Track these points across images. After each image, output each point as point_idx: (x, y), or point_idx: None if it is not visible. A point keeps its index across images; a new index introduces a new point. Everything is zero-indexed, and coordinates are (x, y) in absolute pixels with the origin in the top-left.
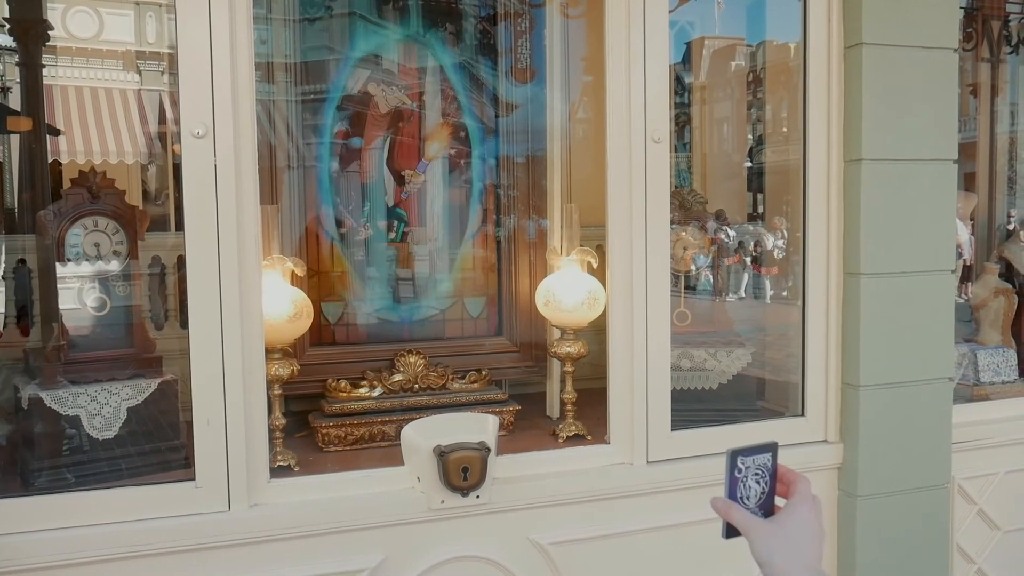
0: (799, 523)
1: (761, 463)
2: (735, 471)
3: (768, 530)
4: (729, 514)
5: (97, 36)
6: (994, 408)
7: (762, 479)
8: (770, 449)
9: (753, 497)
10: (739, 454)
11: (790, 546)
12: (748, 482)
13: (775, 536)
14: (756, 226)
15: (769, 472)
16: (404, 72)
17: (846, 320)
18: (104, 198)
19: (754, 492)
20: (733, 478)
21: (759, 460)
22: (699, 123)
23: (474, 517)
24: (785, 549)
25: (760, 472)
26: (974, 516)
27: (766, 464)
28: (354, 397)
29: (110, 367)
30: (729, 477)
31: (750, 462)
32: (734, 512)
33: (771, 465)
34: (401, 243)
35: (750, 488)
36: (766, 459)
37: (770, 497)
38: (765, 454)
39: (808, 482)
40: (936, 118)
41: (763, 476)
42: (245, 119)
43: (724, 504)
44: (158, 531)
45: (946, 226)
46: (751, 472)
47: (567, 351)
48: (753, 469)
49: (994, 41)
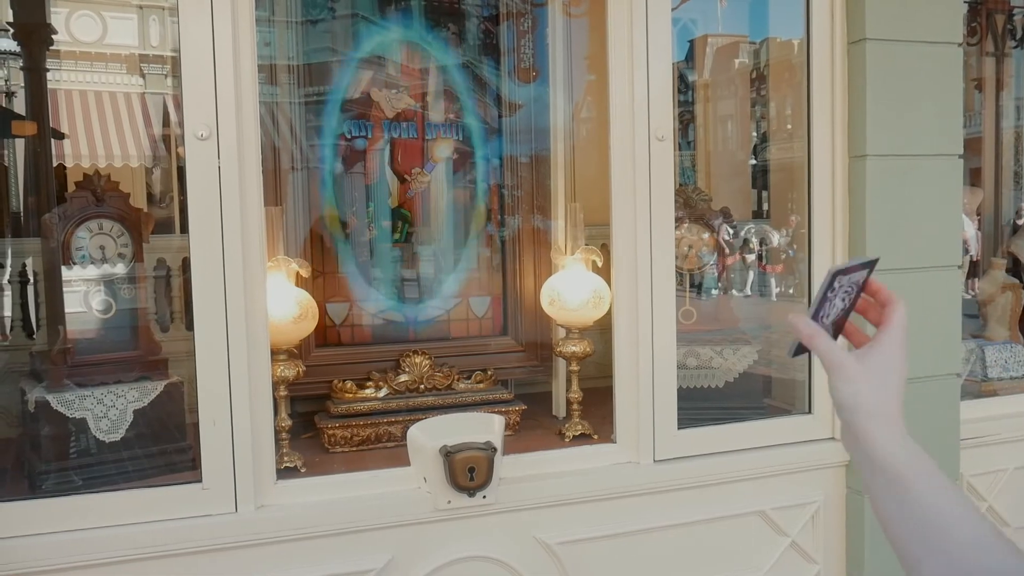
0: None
1: (855, 280)
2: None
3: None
4: (813, 343)
5: (100, 40)
6: (1002, 404)
7: (848, 296)
8: (867, 266)
9: (833, 313)
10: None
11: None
12: (835, 300)
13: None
14: (760, 224)
15: (858, 288)
16: (407, 73)
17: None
18: (109, 201)
19: (836, 308)
20: (824, 297)
21: (855, 277)
22: (703, 121)
23: (481, 517)
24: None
25: (850, 289)
26: (984, 513)
27: (858, 281)
28: (360, 398)
29: (116, 370)
30: (820, 296)
31: (845, 280)
32: (820, 342)
33: (862, 282)
34: (405, 243)
35: (835, 306)
36: (860, 276)
37: (847, 313)
38: (861, 272)
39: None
40: (941, 113)
41: (850, 293)
42: (249, 121)
43: (809, 329)
44: (165, 533)
45: (952, 222)
46: (842, 290)
47: (572, 350)
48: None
49: (998, 35)
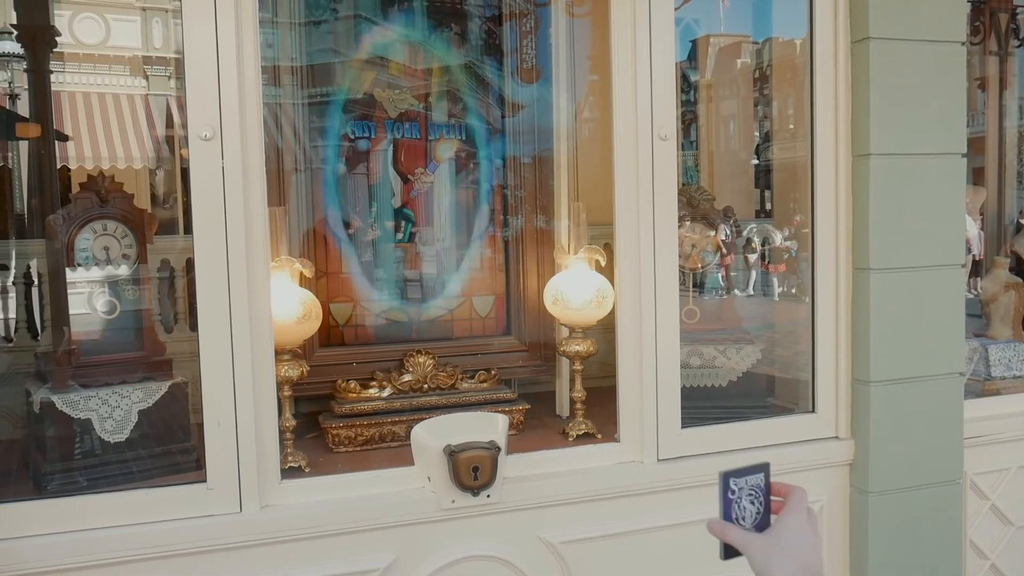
0: (793, 532)
1: (754, 483)
2: (728, 492)
3: (763, 543)
4: (725, 534)
5: (104, 42)
6: (1006, 403)
7: (756, 499)
8: (762, 470)
9: (749, 517)
10: (731, 476)
11: (787, 555)
12: (743, 503)
13: (770, 547)
14: (763, 223)
15: (763, 492)
16: (409, 73)
17: (855, 316)
18: (113, 202)
19: (749, 512)
20: (727, 499)
21: (752, 481)
22: (706, 121)
23: (485, 516)
24: (782, 558)
25: (754, 492)
26: (987, 512)
27: (759, 484)
28: (364, 398)
29: (121, 370)
30: (723, 499)
31: (743, 483)
32: (729, 531)
33: (764, 485)
34: (409, 243)
35: (745, 508)
36: (759, 479)
37: (766, 516)
38: (757, 475)
39: (803, 493)
40: (944, 112)
41: (757, 496)
42: (252, 121)
43: (720, 525)
44: (170, 533)
45: (955, 221)
46: (744, 493)
47: (576, 350)
48: (747, 490)
49: (1002, 34)
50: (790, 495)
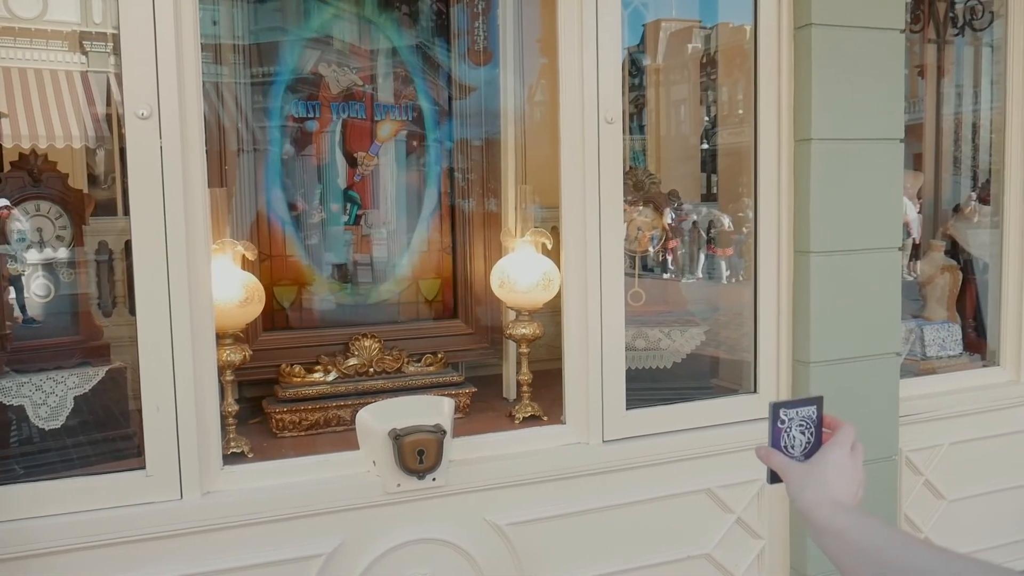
0: (832, 464)
1: (805, 415)
2: (778, 422)
3: (799, 469)
4: (769, 459)
5: (41, 16)
6: (940, 382)
7: (807, 430)
8: (815, 402)
9: (798, 447)
10: (781, 406)
11: (820, 483)
12: (792, 432)
13: (807, 474)
14: (710, 207)
15: (814, 423)
16: (357, 53)
17: (796, 298)
18: (46, 181)
19: (799, 442)
20: (776, 428)
21: (804, 412)
22: (655, 105)
23: (431, 500)
24: (815, 485)
25: (805, 423)
26: (921, 487)
27: (811, 416)
28: (308, 382)
29: (56, 355)
30: (772, 427)
31: (793, 414)
32: (773, 457)
33: (816, 417)
34: (355, 226)
35: (795, 438)
36: (811, 411)
37: (816, 446)
38: (810, 407)
39: (851, 429)
40: (883, 98)
41: (808, 427)
42: (192, 100)
43: (765, 451)
44: (109, 521)
45: (893, 204)
46: (795, 423)
47: (522, 332)
48: (798, 420)
49: (940, 23)
50: (838, 429)
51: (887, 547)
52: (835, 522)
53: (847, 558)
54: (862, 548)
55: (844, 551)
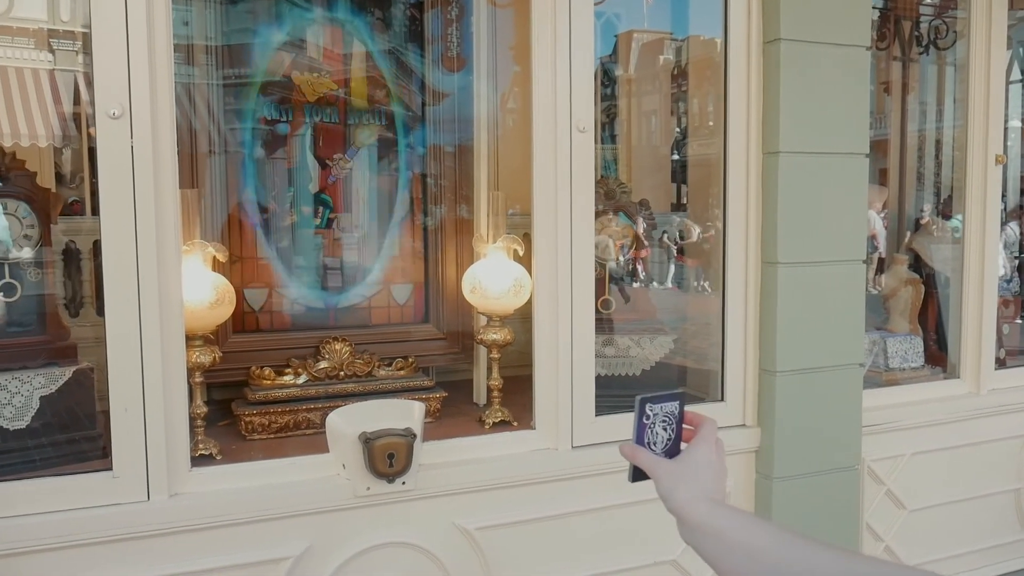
0: (700, 460)
1: (669, 411)
2: (643, 417)
3: (668, 467)
4: (636, 457)
5: (7, 13)
6: (902, 393)
7: (669, 426)
8: (678, 398)
9: (660, 443)
10: (648, 401)
11: (692, 480)
12: (656, 428)
13: (677, 472)
14: (681, 216)
15: (676, 419)
16: (330, 57)
17: (763, 308)
18: (13, 179)
19: (661, 439)
20: (641, 424)
21: (667, 408)
22: (627, 115)
23: (400, 503)
24: (687, 483)
25: (667, 419)
26: (883, 496)
27: (673, 412)
28: (278, 384)
29: (21, 355)
30: (637, 423)
31: (658, 409)
32: (640, 455)
33: (678, 413)
34: (326, 229)
35: (657, 435)
36: (674, 407)
37: (676, 443)
38: (672, 403)
39: (713, 424)
40: (849, 113)
41: (670, 423)
42: (163, 100)
43: (631, 448)
44: (74, 522)
45: (858, 218)
46: (659, 419)
47: (493, 338)
48: (661, 416)
49: (905, 41)
50: (701, 425)
51: (772, 547)
52: (712, 520)
53: (726, 558)
54: (743, 547)
55: (722, 551)
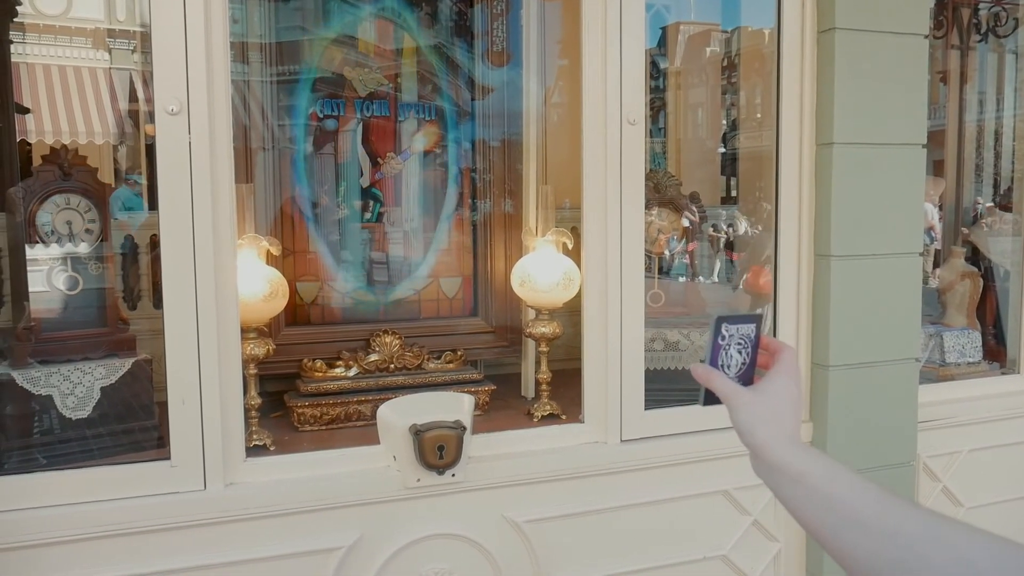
0: (780, 392)
1: (744, 333)
2: (718, 338)
3: (749, 398)
4: (710, 381)
5: (65, 13)
6: (959, 388)
7: (744, 349)
8: (754, 320)
9: (734, 367)
10: (724, 321)
11: (771, 415)
12: (730, 351)
13: (756, 404)
14: (729, 210)
15: (751, 343)
16: (378, 53)
17: (816, 302)
18: (76, 175)
19: (736, 362)
20: (716, 345)
21: (743, 330)
22: (674, 108)
23: (450, 495)
24: (766, 417)
25: (743, 342)
26: (939, 493)
27: (749, 335)
28: (330, 377)
29: (83, 347)
30: (712, 344)
31: (734, 330)
32: (715, 379)
33: (754, 336)
34: (377, 224)
35: (731, 357)
36: (750, 329)
37: (750, 368)
38: (749, 324)
39: (793, 353)
40: (906, 103)
41: (745, 346)
42: (220, 96)
43: (705, 371)
44: (133, 510)
45: (914, 209)
46: (734, 341)
47: (542, 331)
48: (736, 338)
49: (964, 29)
50: (780, 352)
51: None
52: (795, 463)
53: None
54: (824, 495)
55: (800, 495)
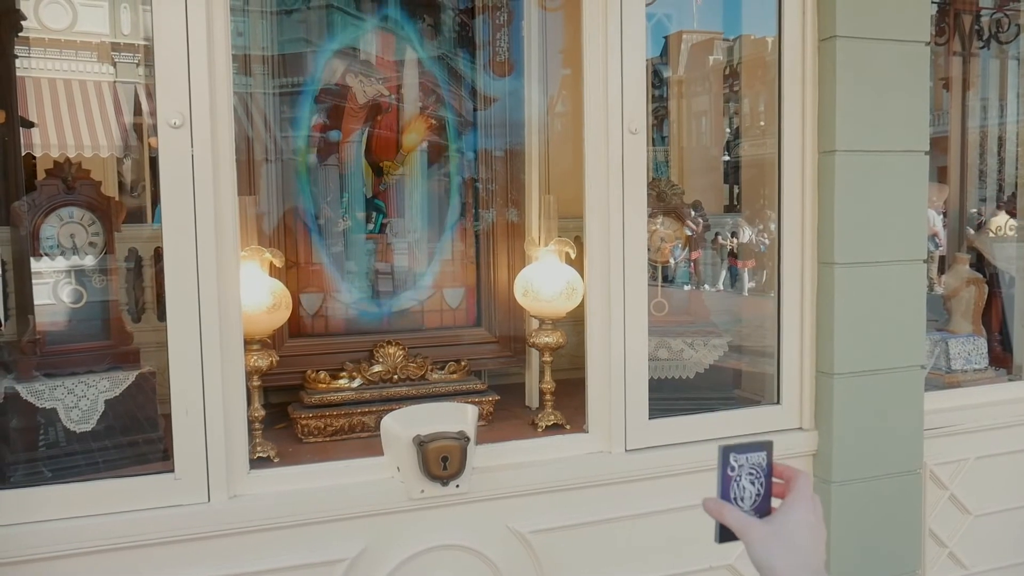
0: (798, 523)
1: (755, 462)
2: (727, 469)
3: (765, 531)
4: (722, 515)
5: (71, 27)
6: (965, 395)
7: (757, 479)
8: (764, 448)
9: (748, 499)
10: (731, 451)
11: (790, 548)
12: (742, 482)
13: (773, 537)
14: (734, 218)
15: (764, 472)
16: (381, 64)
17: (820, 309)
18: (80, 189)
19: (749, 493)
20: (726, 476)
21: (753, 459)
22: (677, 117)
23: (454, 506)
24: (785, 551)
25: (755, 471)
26: (946, 501)
27: (760, 463)
28: (333, 388)
29: (87, 360)
30: (722, 475)
31: (743, 460)
32: (728, 512)
33: (766, 465)
34: (379, 234)
35: (744, 488)
36: (760, 458)
37: (766, 499)
38: (759, 452)
39: (808, 479)
40: (908, 110)
41: (758, 476)
42: (222, 108)
43: (717, 505)
44: (137, 523)
45: (918, 216)
46: (745, 471)
47: (545, 341)
48: (747, 468)
49: (965, 36)
50: (795, 479)
51: None
52: None
53: None
54: None
55: None
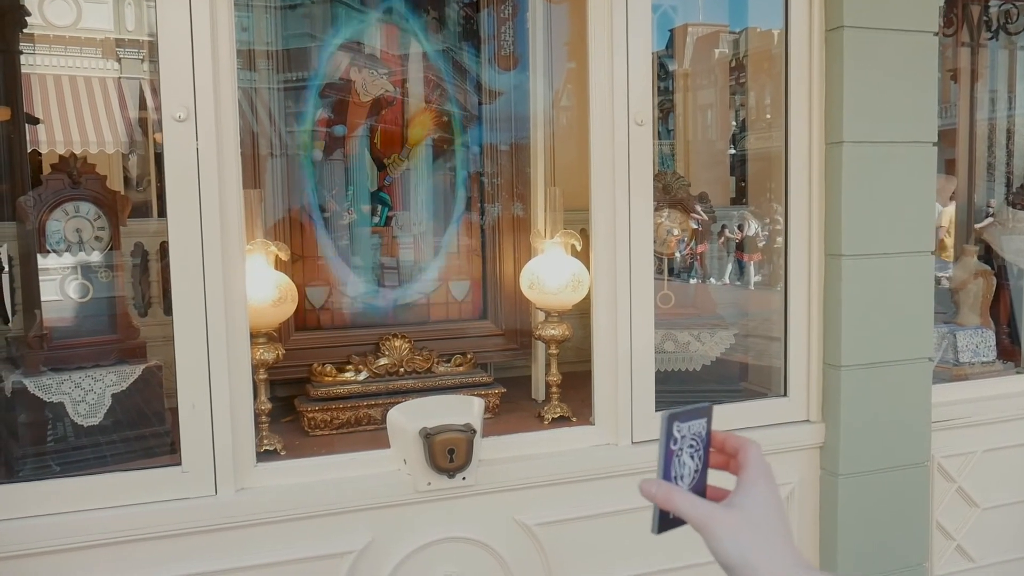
0: (764, 505)
1: (696, 431)
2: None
3: (732, 520)
4: (672, 502)
5: (75, 23)
6: (973, 388)
7: (696, 453)
8: (705, 414)
9: (687, 476)
10: (676, 419)
11: (763, 538)
12: (683, 457)
13: (745, 527)
14: (740, 210)
15: (703, 443)
16: (386, 58)
17: (827, 301)
18: (85, 183)
19: (688, 470)
20: (668, 452)
21: (694, 427)
22: (683, 109)
23: (460, 499)
24: (763, 542)
25: (695, 443)
26: (953, 494)
27: (700, 433)
28: (340, 381)
29: (94, 354)
30: (663, 450)
31: (686, 430)
32: (679, 499)
33: (705, 434)
34: (385, 228)
35: (684, 465)
36: (700, 426)
37: (703, 475)
38: (700, 420)
39: (759, 448)
40: (916, 101)
41: (697, 449)
42: (227, 102)
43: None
44: (144, 516)
45: (926, 208)
46: (686, 443)
47: (552, 334)
48: (688, 439)
49: (974, 26)
50: (745, 450)
51: None
52: None
53: None
54: None
55: None
